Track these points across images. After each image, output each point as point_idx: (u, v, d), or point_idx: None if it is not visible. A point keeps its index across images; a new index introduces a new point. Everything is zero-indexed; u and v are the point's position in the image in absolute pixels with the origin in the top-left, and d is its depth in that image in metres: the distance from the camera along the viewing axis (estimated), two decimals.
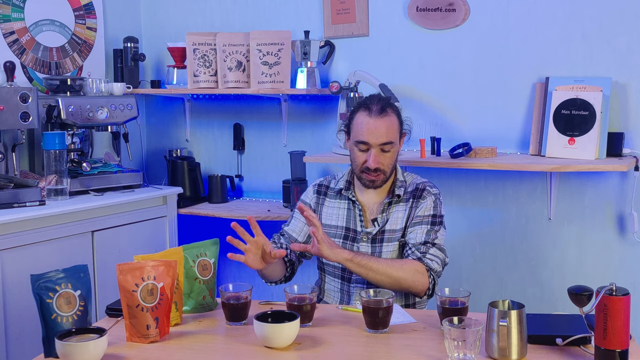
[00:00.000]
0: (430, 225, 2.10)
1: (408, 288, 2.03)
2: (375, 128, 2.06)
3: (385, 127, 2.07)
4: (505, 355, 1.47)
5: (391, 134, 2.08)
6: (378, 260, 2.00)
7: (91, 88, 3.06)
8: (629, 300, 1.41)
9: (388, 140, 2.07)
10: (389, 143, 2.08)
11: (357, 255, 1.99)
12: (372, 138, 2.07)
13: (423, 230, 2.09)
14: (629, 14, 2.63)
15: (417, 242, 2.08)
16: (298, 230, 2.22)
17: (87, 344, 1.46)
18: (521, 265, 2.89)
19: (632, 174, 2.65)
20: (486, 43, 2.87)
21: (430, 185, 2.18)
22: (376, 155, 2.07)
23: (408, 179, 2.21)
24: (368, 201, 2.18)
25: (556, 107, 2.67)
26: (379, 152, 2.08)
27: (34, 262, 2.43)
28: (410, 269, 2.00)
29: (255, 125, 3.43)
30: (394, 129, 2.10)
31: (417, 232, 2.09)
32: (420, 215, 2.11)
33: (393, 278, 1.98)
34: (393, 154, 2.11)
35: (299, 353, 1.57)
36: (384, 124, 2.07)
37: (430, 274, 2.03)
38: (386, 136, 2.07)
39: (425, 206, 2.12)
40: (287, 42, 3.07)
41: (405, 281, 1.99)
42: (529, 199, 2.85)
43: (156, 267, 1.64)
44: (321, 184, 2.27)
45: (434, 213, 2.12)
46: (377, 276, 1.98)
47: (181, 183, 3.30)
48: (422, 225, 2.10)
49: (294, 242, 2.20)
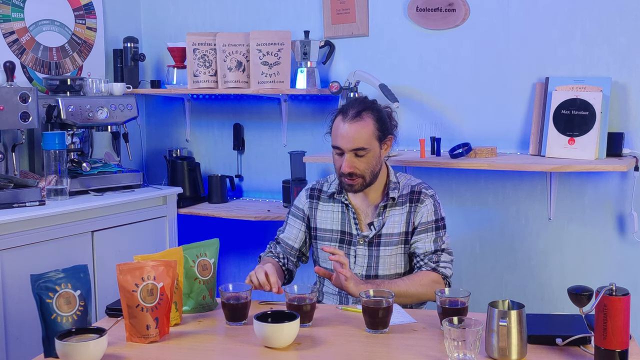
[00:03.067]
0: (435, 231, 2.11)
1: (428, 300, 2.08)
2: (347, 133, 2.04)
3: (357, 133, 2.04)
4: (505, 355, 1.47)
5: (363, 140, 2.04)
6: (398, 284, 2.01)
7: (91, 88, 3.06)
8: (628, 300, 1.41)
9: (359, 146, 2.04)
10: (362, 149, 2.04)
11: (379, 286, 1.96)
12: (344, 143, 2.05)
13: (430, 238, 2.10)
14: (628, 14, 2.63)
15: (427, 251, 2.09)
16: (293, 238, 2.22)
17: (87, 344, 1.46)
18: (521, 265, 2.89)
19: (632, 174, 2.65)
20: (486, 43, 2.87)
21: (425, 186, 2.18)
22: (349, 160, 2.05)
23: (401, 180, 2.19)
24: (362, 204, 2.17)
25: (556, 107, 2.67)
26: (353, 157, 2.05)
27: (34, 262, 2.43)
28: (429, 283, 2.04)
29: (255, 125, 3.43)
30: (367, 134, 2.05)
31: (424, 242, 2.10)
32: (423, 222, 2.11)
33: (415, 296, 2.03)
34: (369, 159, 2.07)
35: (299, 353, 1.57)
36: (356, 129, 2.04)
37: (446, 281, 2.09)
38: (357, 142, 2.04)
39: (426, 212, 2.12)
40: (287, 42, 3.08)
41: (426, 295, 2.04)
42: (529, 199, 2.85)
43: (156, 267, 1.64)
44: (313, 187, 2.26)
45: (436, 218, 2.12)
46: (400, 299, 1.98)
47: (181, 183, 3.30)
48: (428, 234, 2.11)
49: (290, 249, 2.21)
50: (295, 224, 2.23)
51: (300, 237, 2.22)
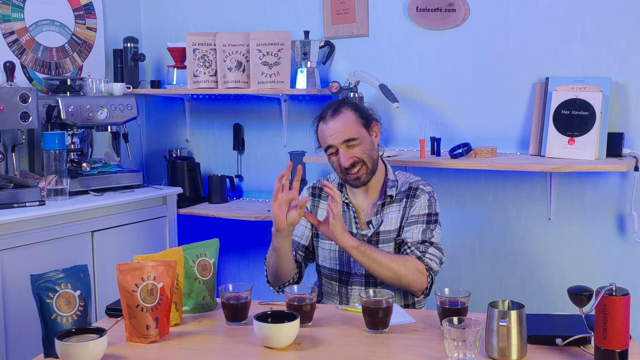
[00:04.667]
0: (425, 224, 2.10)
1: (407, 285, 2.03)
2: (332, 130, 2.08)
3: (342, 125, 2.08)
4: (505, 356, 1.47)
5: (351, 129, 2.09)
6: (382, 253, 2.01)
7: (91, 88, 3.06)
8: (628, 300, 1.41)
9: (348, 137, 2.08)
10: (352, 139, 2.08)
11: (363, 244, 2.00)
12: (333, 139, 2.09)
13: (419, 229, 2.09)
14: (628, 14, 2.63)
15: (414, 240, 2.08)
16: (300, 235, 2.22)
17: (87, 344, 1.46)
18: (521, 265, 2.89)
19: (632, 174, 2.65)
20: (486, 43, 2.87)
21: (423, 183, 2.18)
22: (345, 153, 2.08)
23: (400, 178, 2.20)
24: (361, 203, 2.18)
25: (556, 107, 2.67)
26: (346, 149, 2.09)
27: (34, 262, 2.43)
28: (412, 267, 2.01)
29: (255, 125, 3.43)
30: (352, 124, 2.09)
31: (413, 231, 2.09)
32: (415, 214, 2.11)
33: (394, 272, 2.00)
34: (364, 146, 2.10)
35: (299, 353, 1.57)
36: (339, 123, 2.08)
37: (430, 274, 2.05)
38: (345, 133, 2.08)
39: (420, 205, 2.12)
40: (287, 42, 3.08)
41: (406, 278, 2.00)
42: (529, 199, 2.85)
43: (156, 267, 1.64)
44: (315, 186, 2.27)
45: (429, 212, 2.12)
46: (379, 268, 1.99)
47: (181, 183, 3.30)
48: (418, 225, 2.10)
49: (296, 246, 2.21)
50: (301, 221, 2.22)
51: (306, 235, 2.22)
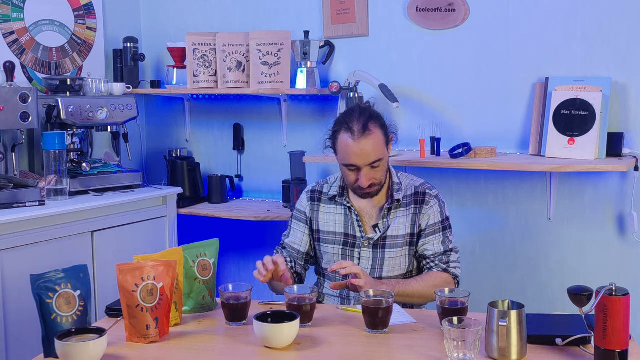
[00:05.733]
0: (442, 232, 2.13)
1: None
2: (360, 150, 2.00)
3: (371, 147, 2.00)
4: (505, 356, 1.47)
5: (378, 151, 2.02)
6: (412, 285, 2.03)
7: (91, 88, 3.06)
8: (628, 300, 1.41)
9: (376, 158, 2.02)
10: (377, 160, 2.03)
11: (394, 286, 1.98)
12: (359, 160, 2.02)
13: (438, 240, 2.11)
14: (628, 14, 2.62)
15: (436, 252, 2.11)
16: (298, 242, 2.22)
17: (87, 344, 1.46)
18: (521, 265, 2.89)
19: (632, 174, 2.65)
20: (486, 43, 2.87)
21: (428, 187, 2.17)
22: (367, 175, 2.03)
23: (404, 180, 2.19)
24: (365, 206, 2.16)
25: (556, 107, 2.67)
26: (369, 170, 2.04)
27: (34, 262, 2.43)
28: (441, 284, 2.04)
29: (255, 125, 3.43)
30: (380, 145, 2.03)
31: (433, 244, 2.11)
32: (431, 224, 2.12)
33: (428, 297, 2.05)
34: (383, 166, 2.07)
35: (299, 353, 1.57)
36: (369, 144, 2.00)
37: (456, 280, 2.11)
38: (374, 155, 2.02)
39: (432, 214, 2.12)
40: (287, 42, 3.07)
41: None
42: (529, 199, 2.85)
43: (156, 267, 1.64)
44: (314, 189, 2.25)
45: (442, 219, 2.14)
46: (413, 299, 2.04)
47: (181, 183, 3.30)
48: (436, 235, 2.12)
49: (296, 253, 2.21)
50: (299, 227, 2.22)
51: (305, 241, 2.21)
